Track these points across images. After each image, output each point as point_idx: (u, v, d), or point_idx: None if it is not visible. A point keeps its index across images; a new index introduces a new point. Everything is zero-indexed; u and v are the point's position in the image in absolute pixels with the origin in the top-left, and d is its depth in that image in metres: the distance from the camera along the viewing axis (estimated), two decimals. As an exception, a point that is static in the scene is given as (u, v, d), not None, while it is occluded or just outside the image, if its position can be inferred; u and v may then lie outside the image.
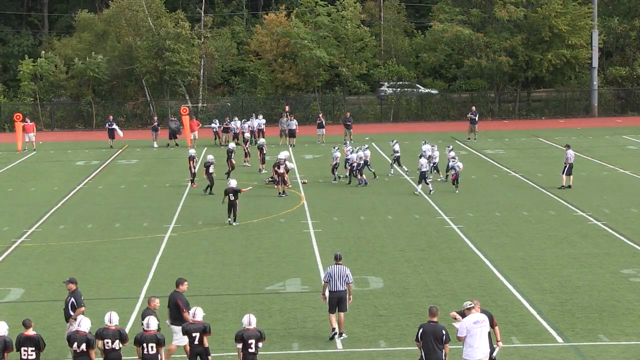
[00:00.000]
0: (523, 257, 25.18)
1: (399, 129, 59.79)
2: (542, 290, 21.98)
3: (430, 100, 66.24)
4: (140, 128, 62.99)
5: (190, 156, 37.69)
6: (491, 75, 64.77)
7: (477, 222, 29.98)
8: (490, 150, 47.61)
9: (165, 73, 62.08)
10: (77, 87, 64.02)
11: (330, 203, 33.76)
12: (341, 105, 65.08)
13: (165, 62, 61.42)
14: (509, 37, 63.19)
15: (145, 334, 15.83)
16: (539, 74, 64.06)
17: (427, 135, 54.55)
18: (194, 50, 63.07)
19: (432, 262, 24.88)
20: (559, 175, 36.61)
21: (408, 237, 28.02)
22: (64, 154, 50.53)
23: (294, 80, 64.44)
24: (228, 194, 29.89)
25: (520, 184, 37.56)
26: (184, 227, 30.13)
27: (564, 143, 41.18)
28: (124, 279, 23.90)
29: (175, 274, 24.01)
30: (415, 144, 49.50)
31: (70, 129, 63.34)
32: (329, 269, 19.26)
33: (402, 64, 66.76)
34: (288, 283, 23.08)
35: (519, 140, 51.88)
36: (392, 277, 23.42)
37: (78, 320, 16.11)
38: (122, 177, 41.61)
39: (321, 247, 26.68)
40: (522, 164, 42.62)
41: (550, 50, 62.63)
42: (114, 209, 33.90)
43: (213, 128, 52.19)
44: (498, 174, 40.23)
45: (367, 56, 65.83)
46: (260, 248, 26.97)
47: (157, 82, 63.78)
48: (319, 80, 64.74)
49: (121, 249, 27.29)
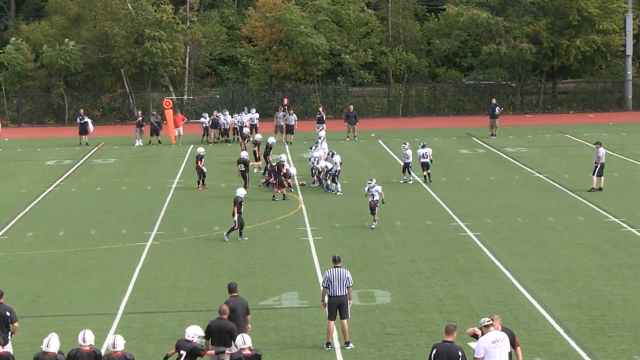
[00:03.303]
0: (548, 268, 25.16)
1: (408, 124, 59.81)
2: (569, 306, 21.96)
3: (444, 92, 66.26)
4: (119, 123, 63.01)
5: (198, 155, 37.72)
6: (512, 64, 64.76)
7: (496, 228, 29.96)
8: (511, 148, 47.61)
9: (145, 64, 62.08)
10: (47, 77, 64.00)
11: (332, 207, 33.75)
12: (344, 97, 65.08)
13: (144, 52, 61.41)
14: (532, 22, 63.20)
15: (113, 355, 15.57)
16: (565, 63, 64.07)
17: (439, 132, 54.63)
18: (178, 36, 63.06)
19: (446, 273, 24.86)
20: (589, 177, 36.60)
21: (419, 245, 27.99)
22: (32, 152, 50.53)
23: (290, 69, 64.46)
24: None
25: (544, 186, 37.54)
26: (168, 235, 30.11)
27: (594, 140, 41.19)
28: (100, 292, 23.87)
29: (158, 287, 24.04)
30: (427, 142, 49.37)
31: (40, 124, 63.35)
32: (327, 272, 19.37)
33: (412, 51, 66.81)
34: (284, 297, 23.06)
35: (544, 137, 51.88)
36: (401, 290, 23.40)
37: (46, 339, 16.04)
38: (98, 178, 41.60)
39: (321, 256, 26.65)
40: (547, 164, 42.62)
41: (579, 36, 62.64)
42: (88, 214, 33.86)
43: (203, 123, 52.14)
44: (520, 174, 40.23)
45: (373, 42, 65.87)
46: (253, 258, 26.94)
47: (137, 72, 63.79)
48: (318, 70, 64.74)
49: (97, 259, 27.25)
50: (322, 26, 64.58)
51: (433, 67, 68.04)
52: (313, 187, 37.43)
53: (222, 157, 45.56)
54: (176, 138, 51.61)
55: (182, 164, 44.87)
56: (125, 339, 16.26)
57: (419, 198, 35.33)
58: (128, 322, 21.37)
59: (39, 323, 21.44)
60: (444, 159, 44.41)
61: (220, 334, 17.01)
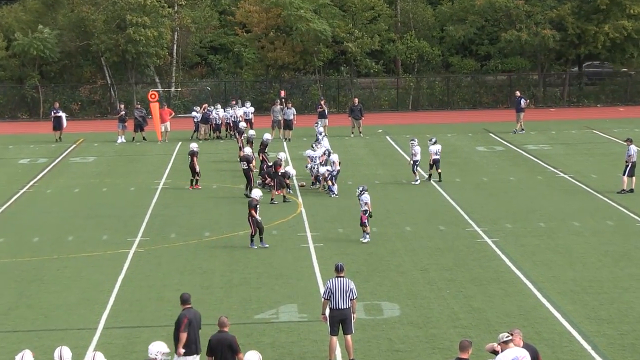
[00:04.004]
0: (574, 279, 25.15)
1: (419, 119, 59.80)
2: (597, 320, 21.95)
3: (458, 83, 66.28)
4: (99, 118, 63.04)
5: (191, 152, 37.79)
6: (534, 52, 64.79)
7: (516, 234, 29.95)
8: (532, 146, 47.61)
9: (127, 53, 62.09)
10: (20, 67, 64.06)
11: (334, 211, 33.74)
12: (348, 89, 65.10)
13: (126, 39, 61.41)
14: (555, 6, 63.23)
15: None
16: (593, 51, 64.09)
17: (454, 127, 54.63)
18: (164, 22, 63.07)
19: (461, 284, 24.86)
20: (619, 177, 36.59)
21: (431, 253, 27.99)
22: (4, 149, 50.55)
23: (289, 58, 64.49)
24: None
25: (570, 187, 37.53)
26: (153, 241, 30.11)
27: (624, 137, 41.16)
28: (78, 305, 23.87)
29: (142, 299, 24.04)
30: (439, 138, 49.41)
31: (12, 119, 63.37)
32: (328, 283, 19.38)
33: (424, 38, 66.82)
34: (282, 310, 23.06)
35: (569, 133, 51.87)
36: (411, 303, 23.40)
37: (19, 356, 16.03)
38: (76, 178, 41.60)
39: (323, 265, 26.65)
40: (572, 163, 42.61)
41: (608, 21, 62.65)
42: (66, 218, 33.86)
43: (194, 118, 52.11)
44: (542, 174, 40.23)
45: (380, 29, 65.88)
46: (247, 267, 26.94)
47: (119, 61, 63.80)
48: (319, 59, 64.77)
49: (75, 268, 27.24)
50: (324, 10, 64.61)
51: (446, 55, 68.08)
52: (314, 189, 37.42)
53: (214, 156, 45.56)
54: (162, 134, 51.62)
55: (169, 162, 44.87)
56: (106, 356, 16.27)
57: (430, 200, 35.32)
58: (109, 338, 21.35)
59: (10, 339, 21.42)
60: (459, 158, 44.40)
61: (221, 348, 17.06)
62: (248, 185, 35.92)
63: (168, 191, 38.21)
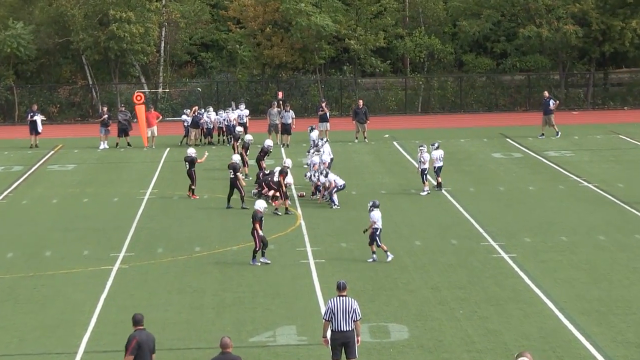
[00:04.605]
0: (599, 298, 25.12)
1: (429, 122, 59.80)
2: (625, 343, 21.92)
3: (472, 84, 66.28)
4: (80, 121, 63.06)
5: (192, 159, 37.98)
6: (555, 50, 64.81)
7: (536, 249, 29.94)
8: (553, 152, 47.61)
9: (110, 50, 62.06)
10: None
11: (337, 224, 33.73)
12: (351, 90, 65.13)
13: (109, 35, 61.39)
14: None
15: None
16: (619, 49, 64.13)
17: (467, 132, 54.63)
18: (151, 17, 63.11)
19: (476, 304, 24.84)
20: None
21: (442, 270, 27.97)
22: (-25, 156, 50.58)
23: (287, 57, 64.53)
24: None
25: (594, 197, 37.53)
26: (139, 256, 30.10)
27: (654, 142, 41.20)
28: (57, 327, 23.85)
29: (126, 321, 23.96)
30: (452, 144, 49.51)
31: (-15, 123, 63.48)
32: (329, 303, 19.34)
33: (435, 34, 66.84)
34: (279, 333, 23.04)
35: (593, 139, 51.87)
36: (421, 324, 23.38)
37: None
38: (54, 188, 41.60)
39: (324, 283, 26.63)
40: (597, 171, 42.61)
41: (635, 16, 62.68)
42: (43, 231, 33.85)
43: (185, 122, 52.08)
44: (564, 183, 40.23)
45: (387, 24, 65.94)
46: (241, 285, 26.92)
47: (101, 59, 63.83)
48: (321, 57, 64.82)
49: (53, 287, 27.22)
50: (325, 4, 64.67)
51: (459, 53, 68.10)
52: (314, 200, 37.41)
53: (205, 163, 45.38)
54: (149, 140, 51.64)
55: (157, 170, 44.89)
56: (87, 383, 16.26)
57: (442, 212, 35.30)
58: (90, 363, 21.35)
59: (-18, 364, 21.43)
60: (473, 165, 44.41)
61: None
62: (240, 196, 35.96)
63: (155, 202, 38.21)
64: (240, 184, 36.09)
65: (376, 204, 29.29)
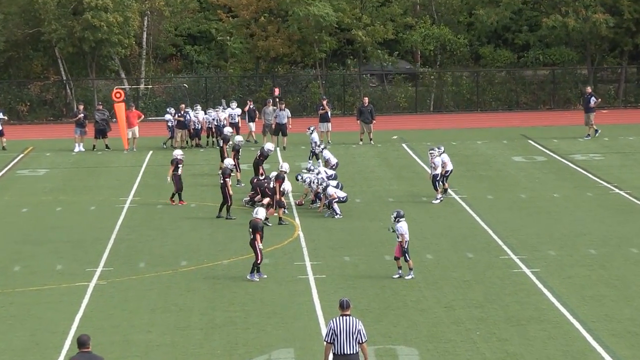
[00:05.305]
0: (631, 317, 25.14)
1: (442, 122, 59.83)
2: (660, 368, 21.97)
3: (490, 79, 66.30)
4: (52, 121, 63.08)
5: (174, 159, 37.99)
6: (582, 42, 64.85)
7: (561, 263, 29.95)
8: (581, 155, 47.65)
9: (85, 41, 62.01)
10: (-44, 60, 64.32)
11: (339, 235, 33.74)
12: (356, 87, 65.17)
13: (83, 26, 61.40)
14: (609, -15, 63.41)
15: None
16: (654, 40, 64.26)
17: (485, 133, 54.67)
18: (131, 5, 63.15)
19: (494, 324, 24.86)
20: (686, 193, 36.67)
21: (457, 286, 27.99)
22: (-64, 160, 50.62)
23: (283, 49, 64.60)
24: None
25: (626, 205, 37.56)
26: (118, 271, 30.11)
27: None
28: (27, 350, 23.86)
29: (105, 343, 24.02)
30: (467, 146, 49.53)
31: (-54, 123, 63.53)
32: (331, 323, 19.31)
33: (448, 24, 66.89)
34: (275, 356, 23.05)
35: (625, 141, 51.91)
36: (433, 347, 23.40)
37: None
38: (24, 195, 41.63)
39: (325, 301, 26.65)
40: (629, 176, 42.64)
41: (673, 3, 62.83)
42: (11, 243, 33.86)
43: (169, 121, 52.11)
44: (593, 190, 40.25)
45: (394, 13, 66.00)
46: (233, 304, 26.94)
47: (75, 52, 63.87)
48: (321, 50, 64.88)
49: (22, 305, 27.22)
50: (326, -9, 64.80)
51: (476, 46, 68.21)
52: (314, 209, 37.45)
53: (193, 168, 45.58)
54: (129, 141, 51.68)
55: (138, 176, 44.91)
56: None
57: (456, 222, 35.32)
58: (64, 390, 21.40)
59: (-56, 391, 21.44)
60: (491, 170, 44.45)
61: None
62: (224, 204, 36.00)
63: (136, 210, 38.23)
64: (228, 192, 36.06)
65: (401, 214, 28.93)
